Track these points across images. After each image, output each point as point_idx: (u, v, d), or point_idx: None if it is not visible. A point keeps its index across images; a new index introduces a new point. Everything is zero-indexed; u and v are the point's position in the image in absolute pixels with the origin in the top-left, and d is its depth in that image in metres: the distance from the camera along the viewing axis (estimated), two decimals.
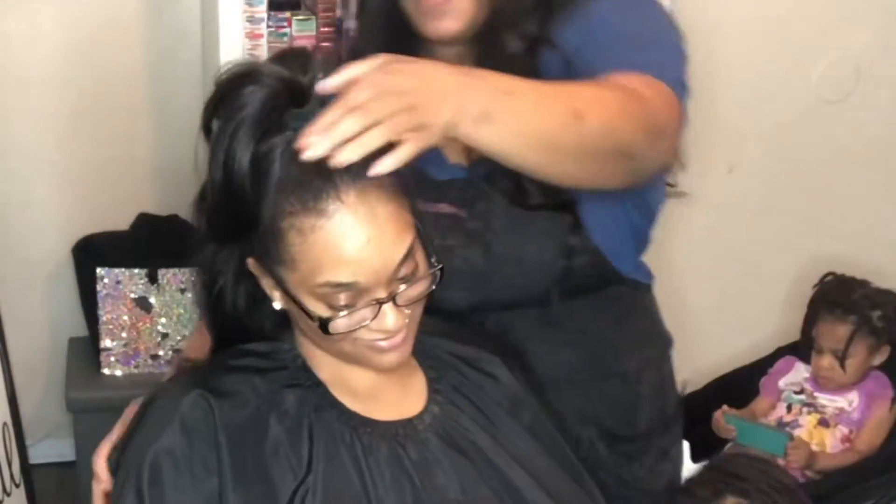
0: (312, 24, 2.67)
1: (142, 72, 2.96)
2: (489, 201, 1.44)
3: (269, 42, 2.64)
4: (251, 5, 2.60)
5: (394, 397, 1.23)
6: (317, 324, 1.11)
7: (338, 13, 2.71)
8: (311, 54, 1.11)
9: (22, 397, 2.79)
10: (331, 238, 1.06)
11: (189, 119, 3.38)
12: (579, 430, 1.52)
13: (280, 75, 1.07)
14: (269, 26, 2.63)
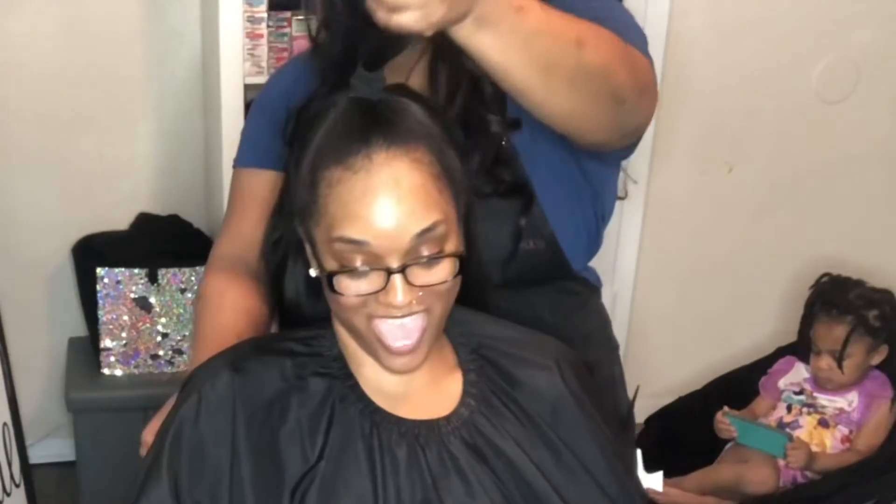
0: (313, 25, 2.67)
1: (142, 72, 2.95)
2: None
3: (269, 42, 2.64)
4: (251, 5, 2.60)
5: (426, 398, 1.23)
6: (326, 281, 1.14)
7: None
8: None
9: (22, 397, 2.79)
10: (352, 193, 1.10)
11: (189, 119, 3.40)
12: None
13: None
14: (269, 26, 2.63)
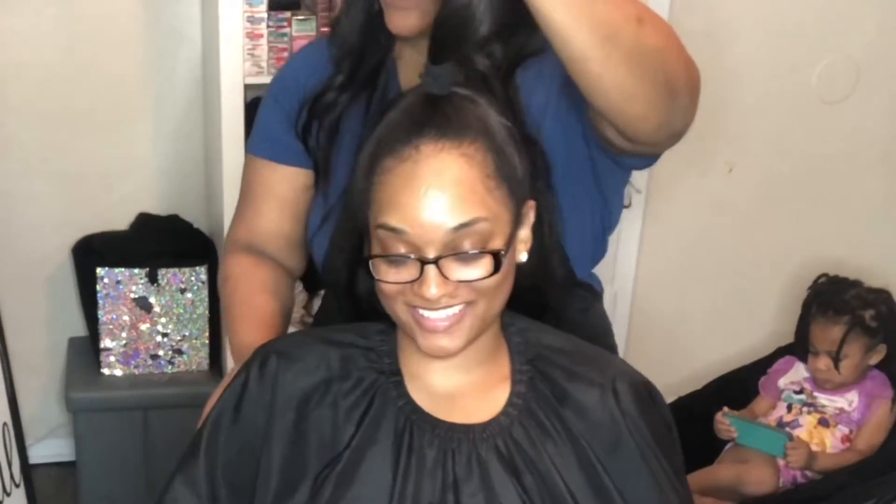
0: (312, 24, 2.67)
1: (142, 72, 2.95)
2: None
3: (269, 42, 2.64)
4: (251, 5, 2.60)
5: (470, 403, 1.23)
6: (365, 265, 1.17)
7: (338, 13, 2.71)
8: None
9: (22, 397, 2.79)
10: (397, 181, 1.13)
11: (189, 119, 3.40)
12: None
13: None
14: (269, 26, 2.63)
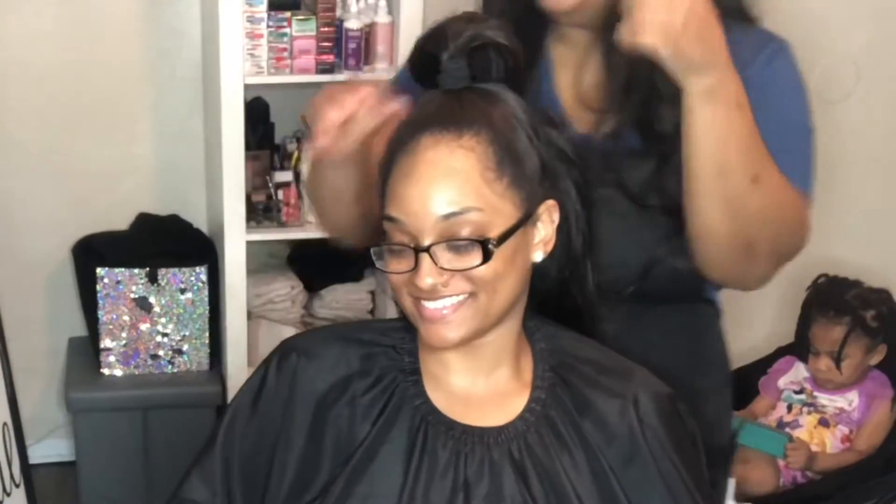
0: (312, 24, 2.67)
1: (142, 72, 2.96)
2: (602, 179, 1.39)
3: (269, 42, 2.64)
4: (251, 5, 2.60)
5: (489, 407, 1.22)
6: (373, 255, 1.17)
7: (338, 13, 2.71)
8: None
9: (22, 397, 2.79)
10: (398, 173, 1.15)
11: (189, 119, 3.40)
12: None
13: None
14: (269, 26, 2.63)
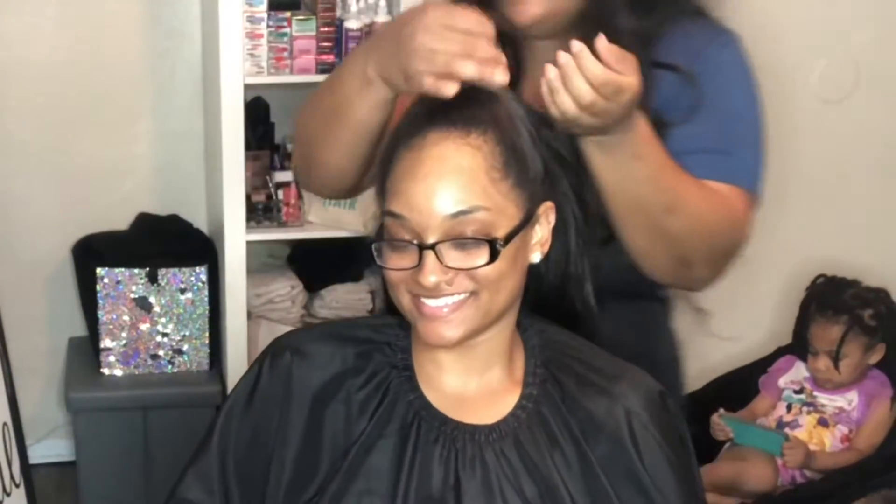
0: (312, 24, 2.67)
1: (142, 72, 2.96)
2: None
3: (269, 42, 2.64)
4: (251, 5, 2.60)
5: (481, 403, 1.22)
6: (374, 249, 1.17)
7: (337, 13, 2.71)
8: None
9: (22, 397, 2.79)
10: (402, 168, 1.14)
11: (189, 119, 3.40)
12: None
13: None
14: (269, 26, 2.64)
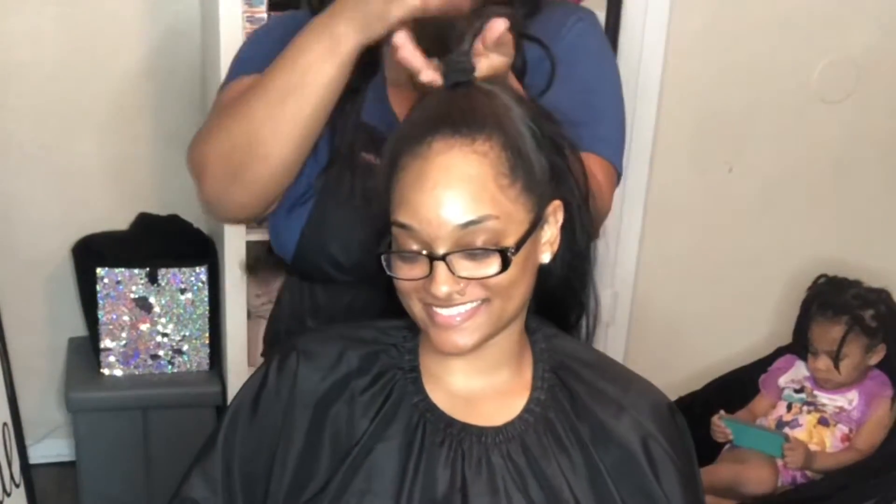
0: None
1: (142, 72, 2.96)
2: None
3: None
4: (251, 5, 2.60)
5: (488, 406, 1.22)
6: (383, 260, 1.16)
7: None
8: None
9: (22, 397, 2.79)
10: (409, 177, 1.13)
11: (189, 119, 3.40)
12: None
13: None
14: None
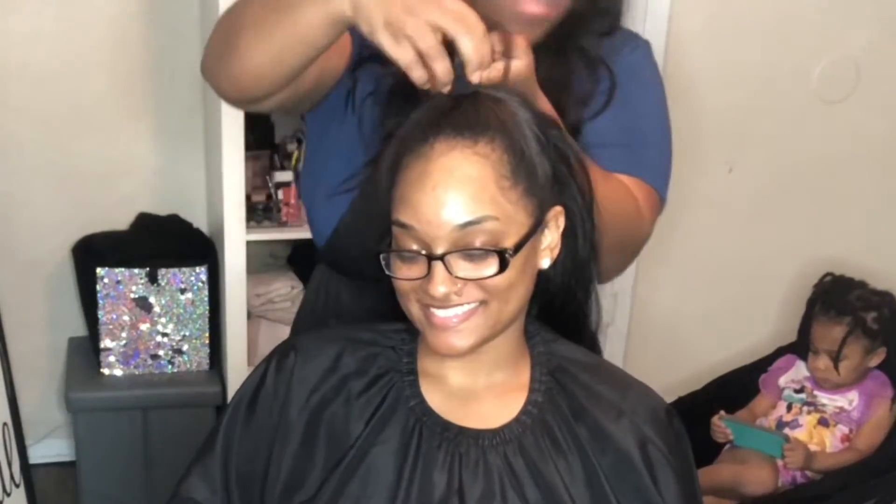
0: None
1: (142, 72, 2.96)
2: None
3: None
4: None
5: (485, 408, 1.22)
6: (382, 260, 1.16)
7: None
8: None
9: (22, 397, 2.79)
10: (410, 177, 1.13)
11: (189, 119, 3.40)
12: None
13: None
14: None
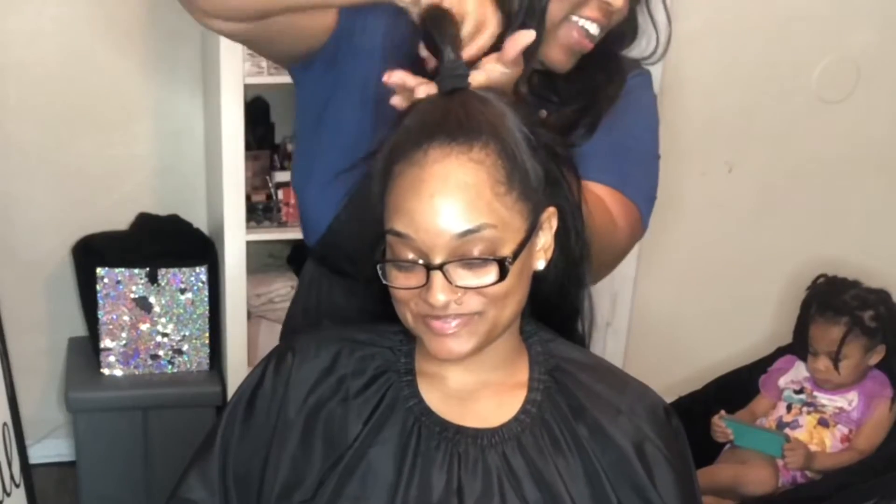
0: None
1: (142, 72, 2.96)
2: None
3: None
4: None
5: (484, 407, 1.22)
6: (379, 269, 1.15)
7: None
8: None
9: (22, 397, 2.79)
10: (404, 185, 1.11)
11: (189, 119, 3.39)
12: None
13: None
14: None
